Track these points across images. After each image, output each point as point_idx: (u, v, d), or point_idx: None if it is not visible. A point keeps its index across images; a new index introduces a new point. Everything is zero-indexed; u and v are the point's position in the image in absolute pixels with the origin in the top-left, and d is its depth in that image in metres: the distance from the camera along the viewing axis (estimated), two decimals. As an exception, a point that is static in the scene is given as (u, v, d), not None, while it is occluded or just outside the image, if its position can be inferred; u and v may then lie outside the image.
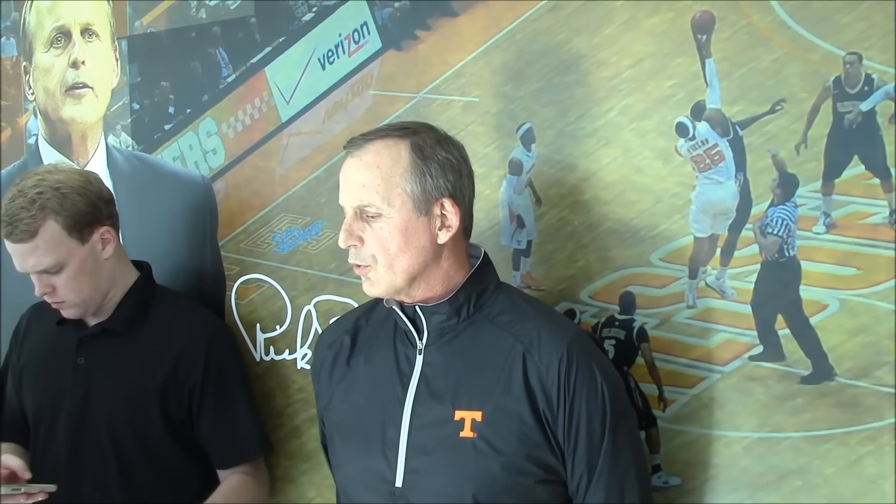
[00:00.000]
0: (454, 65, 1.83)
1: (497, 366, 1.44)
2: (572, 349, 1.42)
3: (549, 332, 1.44)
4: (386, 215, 1.42)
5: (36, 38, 2.42)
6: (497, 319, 1.47)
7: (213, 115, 2.16)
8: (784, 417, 1.53)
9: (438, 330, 1.48)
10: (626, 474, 1.43)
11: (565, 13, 1.71)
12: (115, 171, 2.29)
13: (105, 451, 1.88)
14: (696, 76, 1.59)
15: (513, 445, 1.41)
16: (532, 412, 1.41)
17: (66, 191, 1.81)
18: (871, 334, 1.47)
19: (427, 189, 1.42)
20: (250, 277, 2.12)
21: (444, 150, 1.45)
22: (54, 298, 1.85)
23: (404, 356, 1.50)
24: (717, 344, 1.59)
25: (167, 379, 1.88)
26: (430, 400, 1.45)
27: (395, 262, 1.43)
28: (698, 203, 1.60)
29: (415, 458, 1.45)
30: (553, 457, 1.43)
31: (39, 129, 2.46)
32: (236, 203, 2.14)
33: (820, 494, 1.51)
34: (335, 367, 1.59)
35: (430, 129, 1.48)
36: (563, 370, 1.41)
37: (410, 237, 1.43)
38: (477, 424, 1.42)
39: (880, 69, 1.45)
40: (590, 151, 1.69)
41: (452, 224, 1.45)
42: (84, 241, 1.83)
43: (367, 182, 1.42)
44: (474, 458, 1.41)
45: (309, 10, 2.01)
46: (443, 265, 1.47)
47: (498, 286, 1.51)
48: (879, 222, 1.46)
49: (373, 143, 1.44)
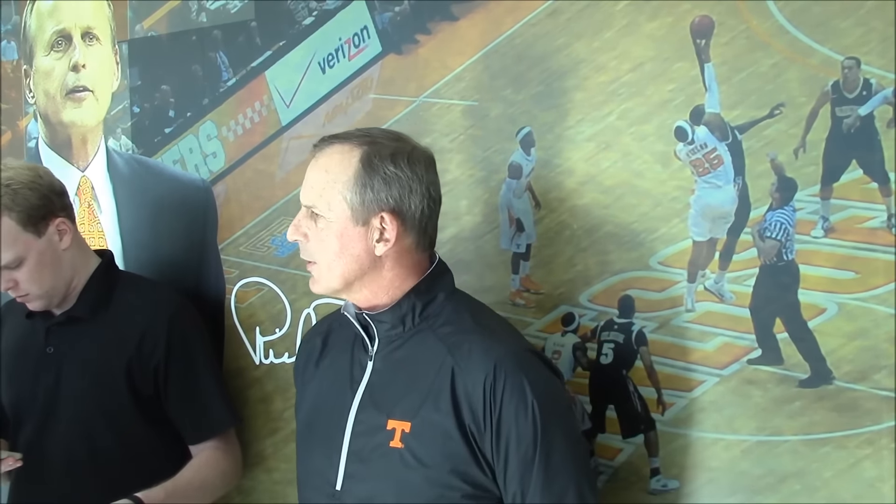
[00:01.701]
0: (454, 69, 1.84)
1: (429, 378, 1.44)
2: (500, 365, 1.39)
3: (481, 347, 1.42)
4: (326, 218, 1.45)
5: (36, 42, 2.43)
6: (439, 330, 1.47)
7: (213, 118, 2.17)
8: (783, 421, 1.54)
9: (387, 338, 1.49)
10: (564, 494, 1.39)
11: (565, 17, 1.71)
12: (116, 174, 2.29)
13: (76, 434, 1.90)
14: (696, 80, 1.60)
15: (436, 459, 1.41)
16: (458, 427, 1.40)
17: (16, 186, 1.84)
18: (870, 338, 1.47)
19: (366, 201, 1.43)
20: (250, 281, 2.12)
21: (393, 166, 1.44)
22: (18, 292, 1.88)
23: (358, 362, 1.52)
24: (715, 347, 1.60)
25: (132, 359, 1.91)
26: (371, 407, 1.47)
27: (332, 265, 1.46)
28: (697, 207, 1.61)
29: (353, 463, 1.47)
30: (481, 473, 1.41)
31: (40, 132, 2.46)
32: (236, 206, 2.14)
33: (818, 497, 1.51)
34: (307, 368, 1.63)
35: (394, 141, 1.47)
36: (489, 386, 1.39)
37: (346, 244, 1.45)
38: (405, 435, 1.43)
39: (879, 74, 1.46)
40: (589, 155, 1.70)
41: (390, 238, 1.45)
42: (40, 234, 1.86)
43: (315, 184, 1.46)
44: (401, 469, 1.42)
45: (309, 14, 2.01)
46: (385, 275, 1.47)
47: (450, 296, 1.50)
48: (878, 226, 1.47)
49: (332, 147, 1.47)
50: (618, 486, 1.69)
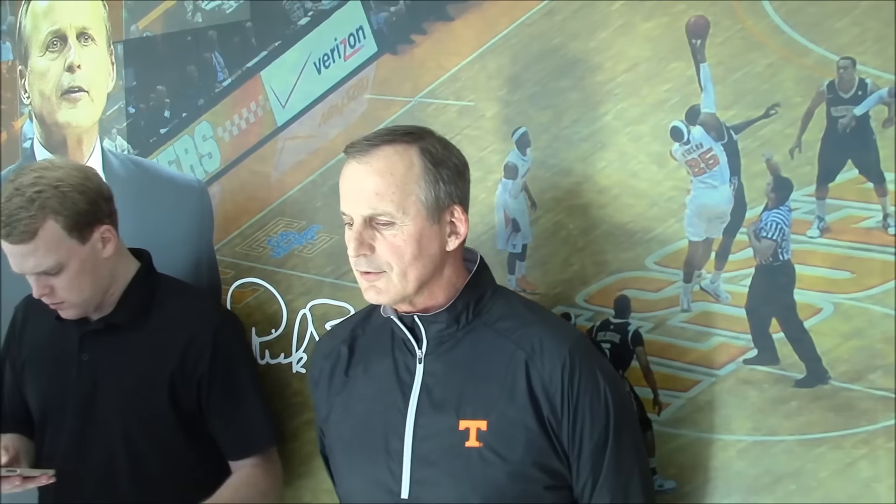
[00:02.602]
0: (450, 69, 1.84)
1: (500, 374, 1.42)
2: (574, 354, 1.41)
3: (551, 338, 1.43)
4: (399, 224, 1.38)
5: (32, 42, 2.42)
6: (496, 326, 1.45)
7: (208, 119, 2.16)
8: (778, 421, 1.54)
9: (438, 338, 1.46)
10: (631, 476, 1.44)
11: (560, 18, 1.71)
12: (111, 175, 2.29)
13: (114, 446, 1.85)
14: (691, 81, 1.60)
15: (519, 453, 1.40)
16: (537, 419, 1.40)
17: (66, 189, 1.75)
18: (865, 338, 1.47)
19: (440, 196, 1.40)
20: (246, 281, 2.12)
21: (452, 156, 1.44)
22: (53, 299, 1.80)
23: (404, 365, 1.48)
24: (711, 347, 1.60)
25: (175, 371, 1.85)
26: (433, 410, 1.44)
27: (408, 270, 1.40)
28: (693, 207, 1.61)
29: (420, 469, 1.43)
30: (559, 462, 1.42)
31: (35, 132, 2.45)
32: (232, 207, 2.14)
33: (814, 497, 1.51)
34: (333, 379, 1.57)
35: (432, 134, 1.45)
36: (567, 375, 1.40)
37: (424, 246, 1.40)
38: (482, 434, 1.41)
39: (874, 74, 1.46)
40: (585, 155, 1.70)
41: (461, 231, 1.43)
42: (84, 241, 1.78)
43: (381, 190, 1.38)
44: (481, 468, 1.40)
45: (305, 15, 2.01)
46: (445, 273, 1.45)
47: (495, 291, 1.50)
48: (873, 226, 1.47)
49: (381, 149, 1.39)
50: (614, 487, 1.69)
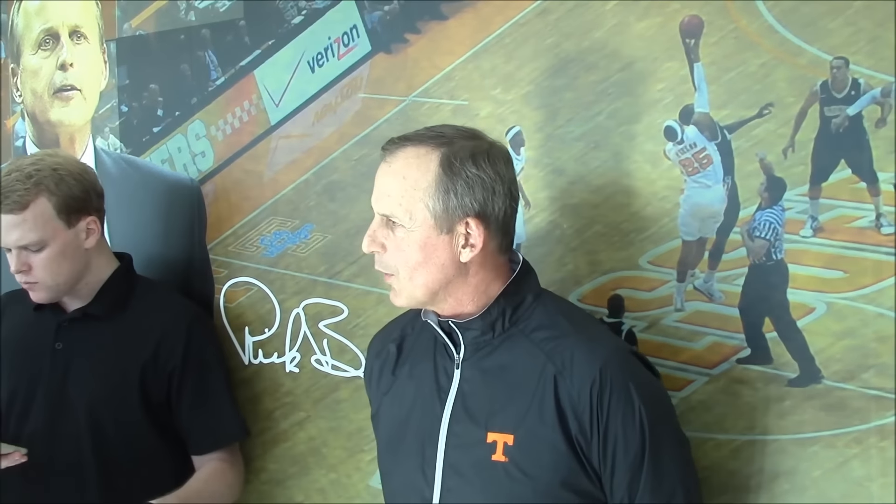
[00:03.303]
0: (443, 68, 1.84)
1: (530, 387, 1.37)
2: (606, 371, 1.34)
3: (583, 353, 1.36)
4: (407, 228, 1.38)
5: (24, 40, 2.41)
6: (533, 335, 1.40)
7: (201, 117, 2.16)
8: (772, 420, 1.54)
9: (475, 345, 1.42)
10: (672, 496, 1.36)
11: (554, 17, 1.71)
12: (104, 173, 2.27)
13: (81, 435, 1.88)
14: (685, 80, 1.60)
15: (546, 472, 1.35)
16: (565, 438, 1.35)
17: (63, 173, 1.84)
18: (858, 337, 1.48)
19: (450, 207, 1.36)
20: (239, 281, 2.12)
21: (475, 167, 1.37)
22: (28, 278, 1.85)
23: (443, 370, 1.45)
24: (705, 347, 1.60)
25: (147, 363, 1.89)
26: (466, 419, 1.41)
27: (414, 275, 1.39)
28: (687, 206, 1.61)
29: (450, 477, 1.41)
30: (589, 482, 1.37)
31: (27, 131, 2.44)
32: (225, 206, 2.13)
33: (807, 497, 1.51)
34: (382, 377, 1.56)
35: (471, 139, 1.41)
36: (596, 394, 1.34)
37: (429, 254, 1.38)
38: (509, 448, 1.37)
39: (867, 74, 1.46)
40: (579, 155, 1.70)
41: (476, 244, 1.38)
42: (70, 226, 1.85)
43: (392, 192, 1.38)
44: (507, 484, 1.36)
45: (298, 13, 2.01)
46: (471, 281, 1.41)
47: (537, 297, 1.44)
48: (866, 226, 1.47)
49: (404, 150, 1.39)
50: (607, 486, 1.69)
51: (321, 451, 2.01)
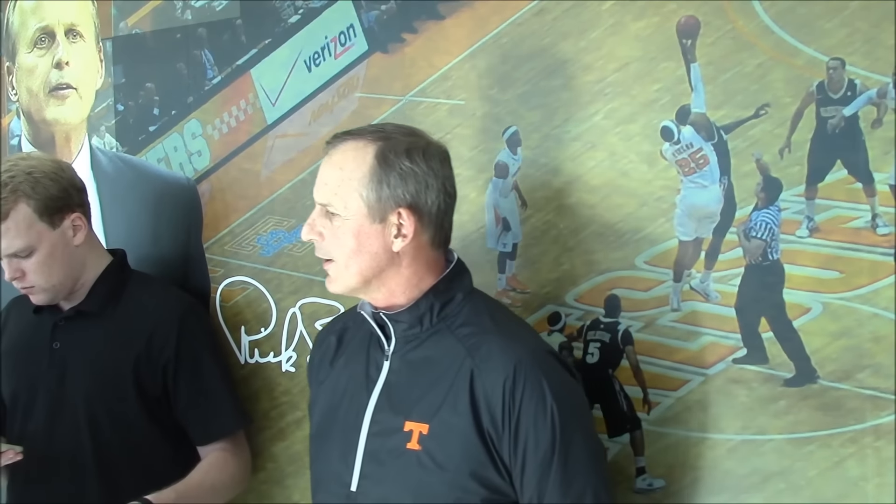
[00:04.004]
0: (440, 68, 1.84)
1: (448, 379, 1.42)
2: (520, 368, 1.38)
3: (500, 349, 1.41)
4: (342, 216, 1.43)
5: (19, 39, 2.41)
6: (458, 331, 1.45)
7: (198, 116, 2.16)
8: (767, 420, 1.54)
9: (404, 337, 1.48)
10: (582, 496, 1.39)
11: (551, 17, 1.71)
12: (99, 172, 2.28)
13: (81, 432, 1.88)
14: (681, 80, 1.60)
15: (455, 462, 1.40)
16: (476, 430, 1.39)
17: (38, 175, 1.83)
18: (854, 337, 1.48)
19: (383, 197, 1.42)
20: (235, 280, 2.12)
21: (409, 161, 1.44)
22: (23, 283, 1.86)
23: (374, 361, 1.50)
24: (701, 347, 1.60)
25: (140, 357, 1.89)
26: (388, 408, 1.46)
27: (349, 262, 1.44)
28: (683, 206, 1.61)
29: (368, 464, 1.46)
30: (499, 476, 1.40)
31: (22, 130, 2.44)
32: (221, 205, 2.13)
33: (803, 496, 1.52)
34: (321, 368, 1.61)
35: (409, 136, 1.47)
36: (509, 390, 1.38)
37: (363, 242, 1.43)
38: (423, 437, 1.41)
39: (863, 75, 1.46)
40: (575, 155, 1.70)
41: (408, 234, 1.44)
42: (55, 226, 1.85)
43: (329, 182, 1.45)
44: (419, 472, 1.41)
45: (295, 13, 2.00)
46: (403, 272, 1.46)
47: (468, 296, 1.49)
48: (862, 226, 1.48)
49: (345, 143, 1.46)
50: (604, 485, 1.69)
51: (318, 450, 2.01)
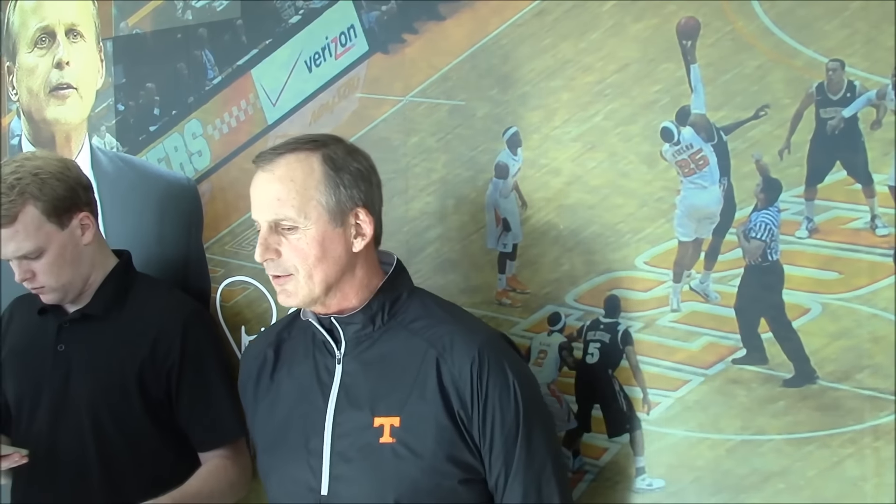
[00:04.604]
0: (441, 68, 1.84)
1: (412, 371, 1.46)
2: (483, 351, 1.45)
3: (462, 336, 1.47)
4: (302, 227, 1.43)
5: (20, 39, 2.41)
6: (411, 326, 1.49)
7: (198, 116, 2.16)
8: (767, 420, 1.54)
9: (355, 339, 1.50)
10: (543, 470, 1.46)
11: (551, 18, 1.71)
12: (100, 172, 2.28)
13: (84, 435, 1.88)
14: (681, 81, 1.60)
15: (431, 448, 1.44)
16: (447, 414, 1.44)
17: (44, 176, 1.82)
18: (853, 338, 1.48)
19: (341, 200, 1.44)
20: (235, 280, 2.12)
21: (354, 161, 1.47)
22: (34, 284, 1.86)
23: (324, 366, 1.52)
24: (700, 347, 1.61)
25: (144, 361, 1.89)
26: (350, 408, 1.48)
27: (313, 272, 1.44)
28: (683, 207, 1.61)
29: (338, 465, 1.47)
30: (471, 455, 1.46)
31: (23, 129, 2.44)
32: (221, 205, 2.13)
33: (802, 496, 1.52)
34: (260, 382, 1.61)
35: (339, 141, 1.50)
36: (476, 371, 1.44)
37: (328, 248, 1.44)
38: (395, 430, 1.44)
39: (862, 76, 1.47)
40: (575, 156, 1.70)
41: (367, 233, 1.47)
42: (63, 227, 1.84)
43: (281, 196, 1.43)
44: (394, 464, 1.44)
45: (296, 13, 2.01)
46: (357, 274, 1.48)
47: (412, 292, 1.53)
48: (861, 227, 1.48)
49: (283, 157, 1.45)
50: (603, 486, 1.70)
51: (317, 450, 2.01)
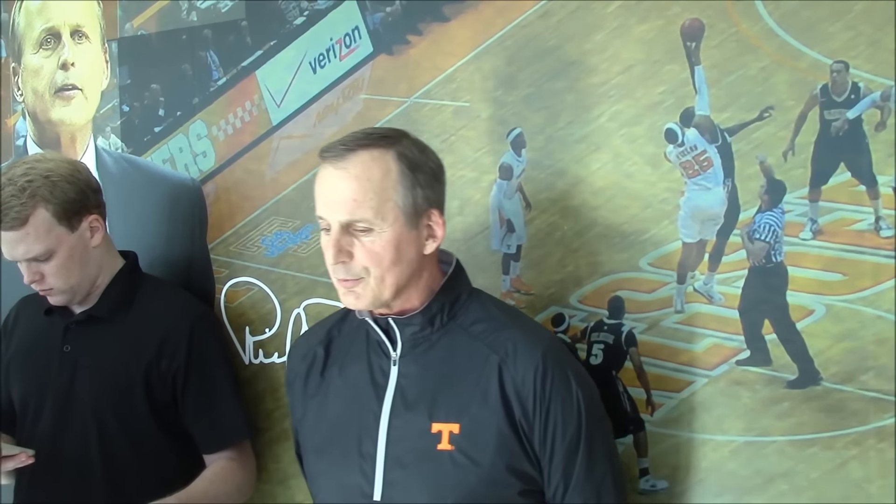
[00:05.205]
0: (445, 70, 1.84)
1: (473, 377, 1.42)
2: (547, 358, 1.41)
3: (525, 342, 1.42)
4: (378, 230, 1.38)
5: (25, 40, 2.41)
6: (471, 329, 1.45)
7: (203, 117, 2.16)
8: (770, 421, 1.55)
9: (412, 341, 1.45)
10: (603, 481, 1.43)
11: (556, 19, 1.72)
12: (105, 173, 2.28)
13: (89, 436, 1.88)
14: (686, 83, 1.60)
15: (490, 457, 1.40)
16: (508, 422, 1.40)
17: (55, 179, 1.82)
18: (857, 339, 1.48)
19: (417, 201, 1.39)
20: (240, 280, 2.12)
21: (428, 160, 1.43)
22: (43, 286, 1.86)
23: (378, 368, 1.48)
24: (704, 348, 1.61)
25: (150, 363, 1.89)
26: (406, 412, 1.44)
27: (386, 276, 1.39)
28: (687, 208, 1.62)
29: (392, 471, 1.43)
30: (531, 466, 1.42)
31: (28, 130, 2.45)
32: (226, 206, 2.13)
33: (805, 498, 1.52)
34: (309, 380, 1.57)
35: (408, 136, 1.44)
36: (539, 379, 1.40)
37: (402, 251, 1.39)
38: (455, 437, 1.40)
39: (867, 77, 1.47)
40: (580, 157, 1.70)
41: (438, 235, 1.43)
42: (73, 229, 1.85)
43: (359, 196, 1.37)
44: (452, 471, 1.40)
45: (300, 14, 2.01)
46: (423, 276, 1.44)
47: (471, 293, 1.49)
48: (865, 229, 1.48)
49: (357, 154, 1.38)
50: (607, 486, 1.70)
51: (321, 450, 2.01)
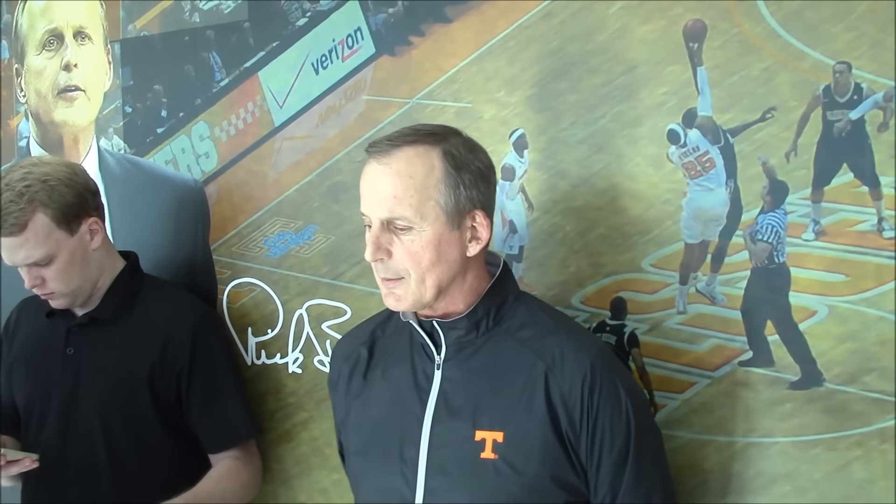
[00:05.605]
0: (447, 70, 1.84)
1: (518, 385, 1.38)
2: (595, 367, 1.37)
3: (572, 350, 1.38)
4: (417, 229, 1.35)
5: (28, 41, 2.42)
6: (518, 334, 1.41)
7: (205, 118, 2.16)
8: (773, 422, 1.54)
9: (457, 344, 1.42)
10: (651, 494, 1.39)
11: (558, 20, 1.72)
12: (107, 174, 2.29)
13: (94, 438, 1.89)
14: (688, 84, 1.60)
15: (535, 467, 1.36)
16: (554, 432, 1.36)
17: (53, 183, 1.82)
18: (860, 340, 1.48)
19: (460, 201, 1.35)
20: (242, 281, 2.12)
21: (476, 159, 1.38)
22: (44, 290, 1.86)
23: (422, 371, 1.44)
24: (707, 349, 1.61)
25: (154, 364, 1.89)
26: (450, 418, 1.40)
27: (426, 277, 1.36)
28: (689, 209, 1.62)
29: (434, 477, 1.40)
30: (576, 476, 1.38)
31: (31, 131, 2.45)
32: (228, 207, 2.14)
33: (808, 499, 1.52)
34: (352, 381, 1.54)
35: (458, 135, 1.40)
36: (587, 389, 1.36)
37: (443, 251, 1.36)
38: (498, 446, 1.37)
39: (869, 78, 1.47)
40: (582, 158, 1.70)
41: (483, 237, 1.38)
42: (73, 233, 1.85)
43: (399, 193, 1.34)
44: (495, 481, 1.36)
45: (303, 15, 2.01)
46: (467, 278, 1.40)
47: (518, 297, 1.45)
48: (868, 230, 1.48)
49: (402, 150, 1.35)
50: (609, 488, 1.70)
51: (324, 451, 2.02)
